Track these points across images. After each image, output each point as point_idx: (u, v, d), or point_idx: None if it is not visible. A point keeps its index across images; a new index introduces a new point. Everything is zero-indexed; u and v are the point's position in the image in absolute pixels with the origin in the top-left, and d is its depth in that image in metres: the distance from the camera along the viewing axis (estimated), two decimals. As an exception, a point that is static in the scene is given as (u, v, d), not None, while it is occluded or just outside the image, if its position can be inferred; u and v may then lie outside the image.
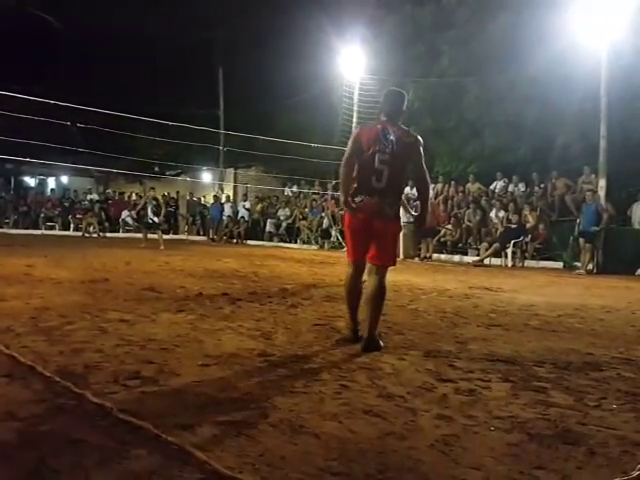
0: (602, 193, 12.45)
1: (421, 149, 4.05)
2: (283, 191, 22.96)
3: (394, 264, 4.15)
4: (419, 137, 4.07)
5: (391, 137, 3.97)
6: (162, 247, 14.50)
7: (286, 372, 3.29)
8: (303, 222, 19.68)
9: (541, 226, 13.68)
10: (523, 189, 15.52)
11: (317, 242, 18.80)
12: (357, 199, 3.99)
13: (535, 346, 4.19)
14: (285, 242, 19.84)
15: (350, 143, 4.08)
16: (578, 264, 12.15)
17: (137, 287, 6.79)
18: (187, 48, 22.13)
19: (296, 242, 19.51)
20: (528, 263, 13.37)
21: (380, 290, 3.99)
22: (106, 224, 22.90)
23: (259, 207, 22.47)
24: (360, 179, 4.01)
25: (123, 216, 22.78)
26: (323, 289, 7.34)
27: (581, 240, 12.08)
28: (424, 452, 2.24)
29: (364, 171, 3.99)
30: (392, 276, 9.15)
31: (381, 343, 4.00)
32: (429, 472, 2.08)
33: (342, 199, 4.12)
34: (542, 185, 15.18)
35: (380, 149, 3.94)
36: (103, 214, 23.29)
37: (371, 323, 3.94)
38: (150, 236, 15.45)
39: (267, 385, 3.02)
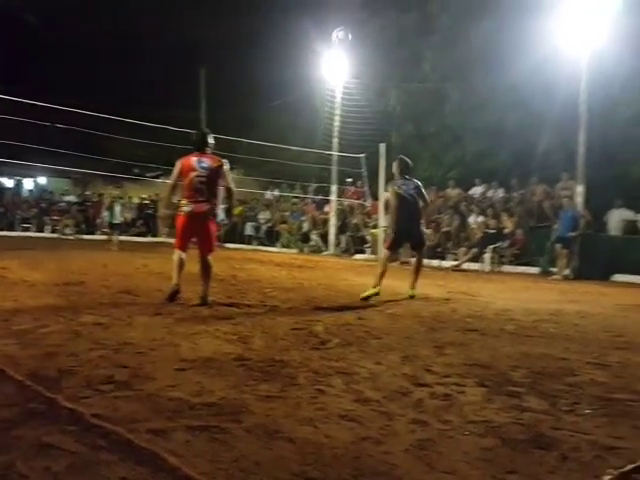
0: (580, 199, 12.56)
1: (225, 168, 5.90)
2: (263, 194, 22.84)
3: (212, 251, 6.01)
4: (223, 160, 5.94)
5: (204, 164, 5.82)
6: (114, 248, 14.79)
7: (262, 376, 3.27)
8: (283, 225, 19.61)
9: (519, 231, 13.79)
10: (502, 194, 15.63)
11: (297, 246, 18.76)
12: (187, 208, 5.80)
13: (510, 351, 4.22)
14: (265, 245, 19.74)
15: (175, 170, 5.94)
16: (555, 270, 12.26)
17: (113, 290, 6.73)
18: (169, 49, 21.99)
19: (276, 246, 19.43)
20: (505, 268, 13.44)
21: (207, 268, 5.93)
22: (83, 226, 22.64)
23: (238, 210, 22.32)
24: (189, 195, 5.82)
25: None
26: (302, 293, 7.33)
27: (557, 246, 12.19)
28: (399, 457, 2.24)
29: (191, 189, 5.80)
30: (370, 280, 9.08)
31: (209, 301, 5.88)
32: (404, 477, 2.08)
33: (162, 204, 6.23)
34: (521, 191, 15.28)
35: (198, 174, 5.77)
36: (81, 216, 23.04)
37: (204, 289, 5.90)
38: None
39: (243, 389, 3.00)
